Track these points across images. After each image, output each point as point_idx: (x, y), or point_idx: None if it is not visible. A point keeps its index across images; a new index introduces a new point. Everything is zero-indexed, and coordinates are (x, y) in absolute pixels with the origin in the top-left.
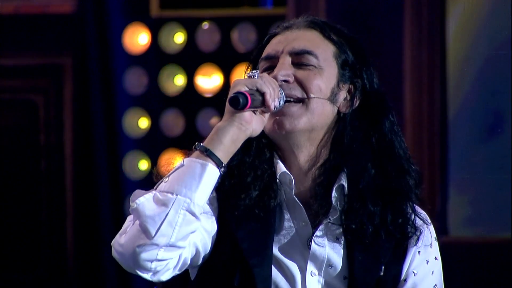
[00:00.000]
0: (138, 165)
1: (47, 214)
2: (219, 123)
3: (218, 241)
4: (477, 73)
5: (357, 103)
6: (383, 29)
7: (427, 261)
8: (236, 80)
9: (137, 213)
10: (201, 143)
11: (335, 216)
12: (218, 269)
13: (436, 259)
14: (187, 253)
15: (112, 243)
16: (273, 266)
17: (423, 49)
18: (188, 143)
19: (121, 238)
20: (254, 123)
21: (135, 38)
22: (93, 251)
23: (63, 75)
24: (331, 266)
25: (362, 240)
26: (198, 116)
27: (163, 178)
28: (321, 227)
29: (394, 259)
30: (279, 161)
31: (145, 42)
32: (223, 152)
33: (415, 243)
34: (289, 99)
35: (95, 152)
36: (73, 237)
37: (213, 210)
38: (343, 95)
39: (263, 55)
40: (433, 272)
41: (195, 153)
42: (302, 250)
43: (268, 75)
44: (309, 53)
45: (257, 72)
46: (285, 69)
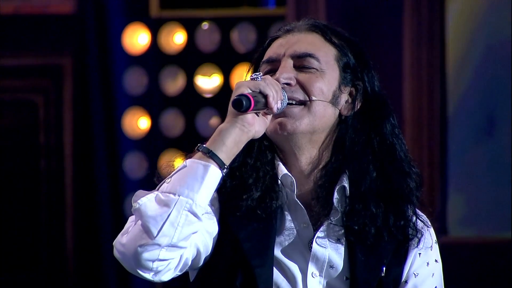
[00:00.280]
0: (138, 165)
1: (47, 214)
2: (222, 125)
3: (219, 242)
4: (477, 73)
5: (359, 106)
6: (383, 29)
7: (428, 263)
8: (239, 82)
9: (139, 213)
10: (203, 144)
11: (336, 217)
12: (219, 270)
13: (436, 261)
14: (188, 254)
15: (113, 243)
16: (274, 267)
17: (423, 49)
18: (188, 143)
19: (123, 238)
20: (256, 125)
21: (135, 38)
22: (93, 251)
23: (63, 75)
24: (332, 267)
25: (364, 241)
26: (198, 116)
27: (165, 179)
28: (323, 227)
29: (395, 261)
30: (280, 163)
31: (145, 42)
32: (226, 153)
33: (416, 245)
34: (292, 102)
35: (95, 152)
36: (73, 237)
37: (214, 211)
38: (345, 97)
39: (265, 58)
40: (433, 274)
41: (197, 154)
42: (303, 251)
43: (271, 78)
44: (310, 56)
45: (260, 74)
46: (287, 72)
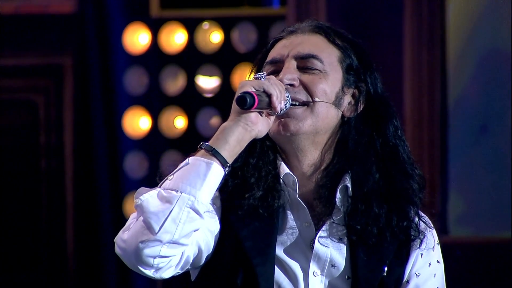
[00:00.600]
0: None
1: (47, 214)
2: (225, 123)
3: (221, 240)
4: (477, 73)
5: (361, 108)
6: (383, 29)
7: (430, 264)
8: (243, 81)
9: (141, 209)
10: (206, 142)
11: (338, 216)
12: (221, 268)
13: (438, 262)
14: (189, 252)
15: (115, 239)
16: (276, 266)
17: (423, 49)
18: (188, 143)
19: (124, 234)
20: (259, 124)
21: (136, 38)
22: (93, 251)
23: (63, 75)
24: (333, 266)
25: (366, 241)
26: (198, 116)
27: (168, 175)
28: (325, 227)
29: (397, 261)
30: (282, 162)
31: (146, 42)
32: (228, 151)
33: (418, 246)
34: (295, 103)
35: (95, 152)
36: (73, 237)
37: (216, 210)
38: (348, 99)
39: (268, 59)
40: (435, 274)
41: (200, 152)
42: (305, 250)
43: (275, 78)
44: (314, 57)
45: (264, 74)
46: (291, 73)
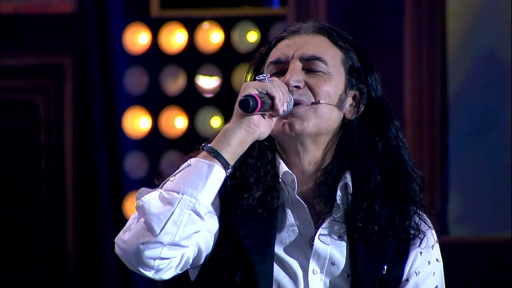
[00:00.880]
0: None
1: (47, 214)
2: (227, 125)
3: (220, 239)
4: (477, 73)
5: (362, 109)
6: (383, 29)
7: (429, 262)
8: (246, 83)
9: (142, 211)
10: (208, 144)
11: (338, 214)
12: (220, 267)
13: (437, 260)
14: (189, 253)
15: (115, 240)
16: (276, 264)
17: (424, 49)
18: (188, 143)
19: (125, 235)
20: (262, 126)
21: (136, 38)
22: (94, 251)
23: (64, 75)
24: (333, 264)
25: (367, 238)
26: (198, 116)
27: (169, 177)
28: (325, 224)
29: (396, 259)
30: (281, 161)
31: (146, 42)
32: (230, 153)
33: (418, 245)
34: (299, 104)
35: (96, 152)
36: (74, 237)
37: (215, 209)
38: (349, 101)
39: (272, 59)
40: (434, 273)
41: (202, 153)
42: (304, 248)
43: (278, 80)
44: (319, 59)
45: (267, 76)
46: (297, 74)
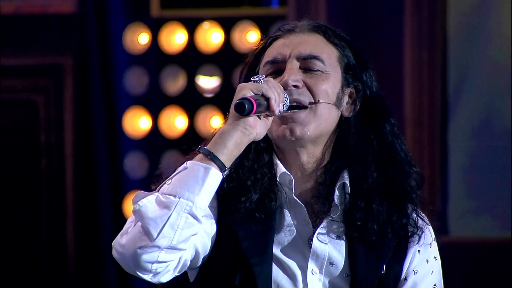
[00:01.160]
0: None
1: (48, 214)
2: (223, 127)
3: (218, 241)
4: (477, 73)
5: (358, 107)
6: (383, 29)
7: (427, 261)
8: (241, 84)
9: (139, 215)
10: (204, 146)
11: (336, 214)
12: (218, 269)
13: (435, 259)
14: (187, 255)
15: (112, 244)
16: (275, 265)
17: (424, 49)
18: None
19: (122, 239)
20: (258, 127)
21: (136, 38)
22: (94, 251)
23: (64, 75)
24: (332, 264)
25: (366, 237)
26: (198, 116)
27: (166, 180)
28: (323, 224)
29: (395, 258)
30: (279, 162)
31: (146, 42)
32: (227, 156)
33: (416, 243)
34: (294, 104)
35: (96, 152)
36: (74, 237)
37: (213, 211)
38: (346, 99)
39: (269, 59)
40: (432, 271)
41: (198, 156)
42: (303, 249)
43: (273, 80)
44: (316, 58)
45: (263, 77)
46: (295, 74)
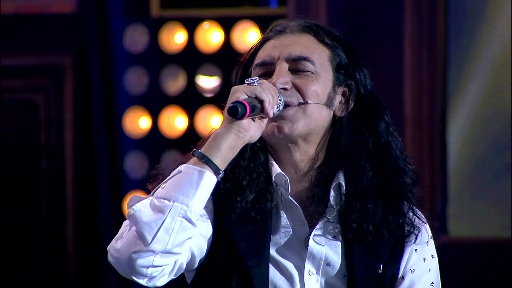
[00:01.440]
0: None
1: (48, 214)
2: (217, 130)
3: (214, 243)
4: (478, 72)
5: (352, 106)
6: (383, 29)
7: (424, 259)
8: (235, 87)
9: (134, 219)
10: (198, 149)
11: (332, 214)
12: (215, 271)
13: (432, 257)
14: (183, 259)
15: (108, 248)
16: (271, 266)
17: (424, 49)
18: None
19: (117, 243)
20: (252, 130)
21: (136, 37)
22: (94, 251)
23: (64, 75)
24: (329, 264)
25: (362, 238)
26: (198, 116)
27: (160, 183)
28: (319, 225)
29: (392, 257)
30: (274, 162)
31: (146, 41)
32: (221, 159)
33: (413, 241)
34: (287, 106)
35: (96, 151)
36: (74, 237)
37: (208, 212)
38: (339, 98)
39: (258, 61)
40: (430, 269)
41: (192, 159)
42: (299, 249)
43: (267, 82)
44: (305, 59)
45: (257, 79)
46: (283, 76)
